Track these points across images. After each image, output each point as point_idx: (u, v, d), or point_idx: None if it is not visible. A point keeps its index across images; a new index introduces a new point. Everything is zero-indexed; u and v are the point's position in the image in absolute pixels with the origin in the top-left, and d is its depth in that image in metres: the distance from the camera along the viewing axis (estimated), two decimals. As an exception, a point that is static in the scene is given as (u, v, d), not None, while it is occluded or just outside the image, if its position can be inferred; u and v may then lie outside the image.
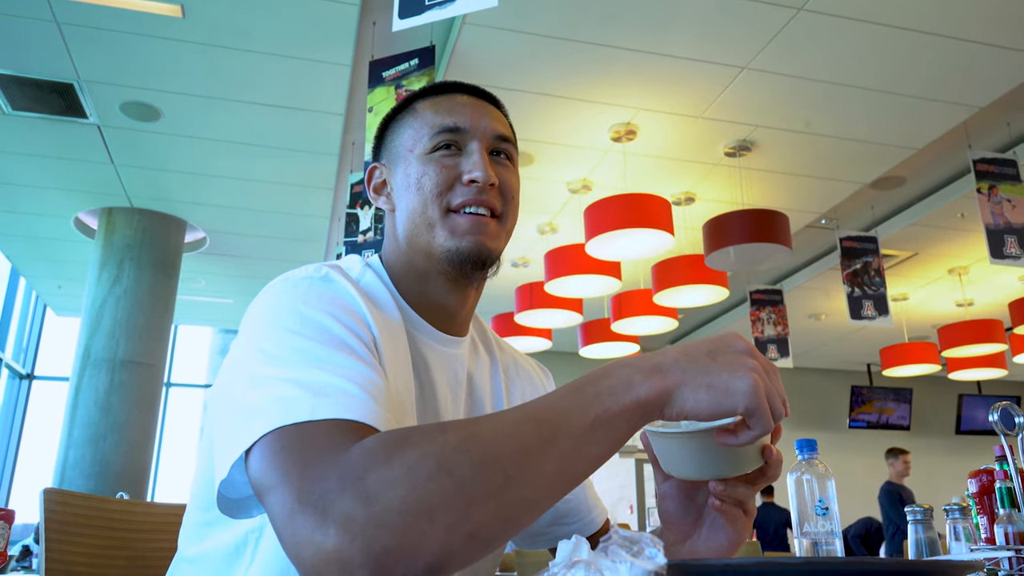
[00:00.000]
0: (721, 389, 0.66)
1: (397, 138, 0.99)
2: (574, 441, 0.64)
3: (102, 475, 5.20)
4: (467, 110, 0.97)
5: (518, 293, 5.87)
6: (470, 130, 0.95)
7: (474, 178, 0.92)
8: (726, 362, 0.68)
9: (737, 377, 0.66)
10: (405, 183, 0.95)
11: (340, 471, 0.61)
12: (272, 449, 0.66)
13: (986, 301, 7.38)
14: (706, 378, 0.66)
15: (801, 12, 3.61)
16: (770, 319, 6.60)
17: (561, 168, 5.09)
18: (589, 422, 0.64)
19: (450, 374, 0.97)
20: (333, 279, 0.85)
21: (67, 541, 1.27)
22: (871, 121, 4.52)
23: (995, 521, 1.28)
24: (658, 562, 0.50)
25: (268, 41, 3.89)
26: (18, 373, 8.07)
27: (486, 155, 0.95)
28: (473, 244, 0.91)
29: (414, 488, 0.59)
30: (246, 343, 0.79)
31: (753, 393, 0.66)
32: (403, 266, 0.96)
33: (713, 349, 0.69)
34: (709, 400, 0.66)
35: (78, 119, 4.58)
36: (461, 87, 1.01)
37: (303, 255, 6.53)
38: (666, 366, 0.68)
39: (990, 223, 4.52)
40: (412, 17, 2.56)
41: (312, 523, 0.60)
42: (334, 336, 0.77)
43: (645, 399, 0.66)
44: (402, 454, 0.61)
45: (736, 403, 0.66)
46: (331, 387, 0.70)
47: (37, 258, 6.77)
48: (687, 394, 0.66)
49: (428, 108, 0.97)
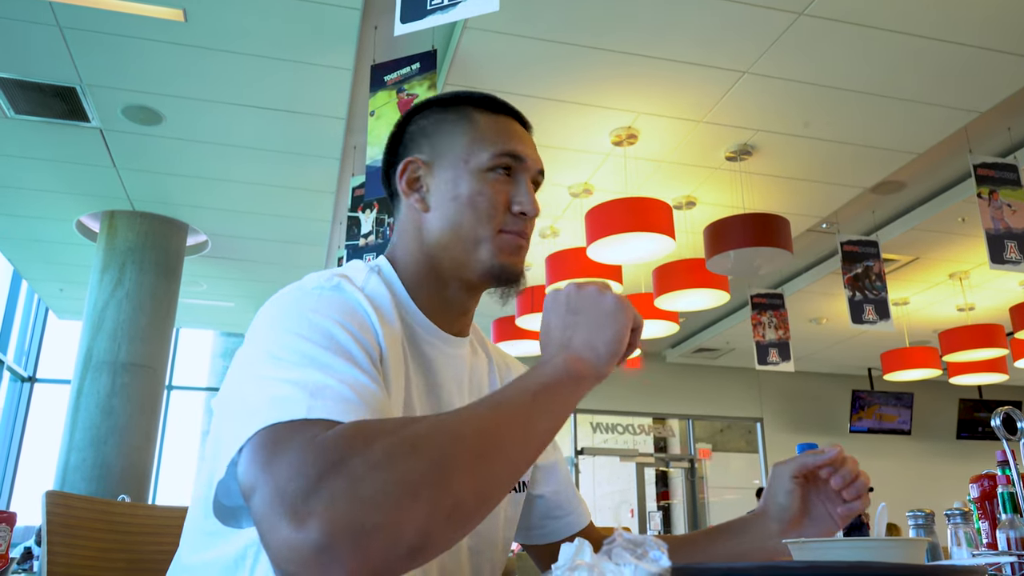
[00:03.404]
0: (610, 318, 0.81)
1: (448, 139, 0.99)
2: (523, 416, 0.73)
3: (104, 478, 5.20)
4: (525, 140, 1.02)
5: (519, 297, 5.87)
6: (528, 162, 1.00)
7: (525, 211, 0.98)
8: (586, 303, 0.83)
9: (605, 301, 0.82)
10: (453, 192, 0.97)
11: (321, 458, 0.62)
12: (262, 444, 0.67)
13: (987, 306, 7.38)
14: (594, 323, 0.81)
15: (802, 17, 3.61)
16: (771, 323, 6.60)
17: (562, 172, 5.10)
18: (531, 397, 0.74)
19: (456, 374, 1.00)
20: (344, 289, 0.86)
21: (69, 544, 1.27)
22: (872, 125, 4.53)
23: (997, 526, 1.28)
24: (662, 565, 0.50)
25: (270, 45, 3.90)
26: (20, 376, 8.07)
27: (532, 188, 1.01)
28: (515, 265, 0.98)
29: (395, 468, 0.61)
30: (253, 346, 0.80)
31: (622, 300, 0.82)
32: (421, 267, 0.98)
33: (568, 307, 0.83)
34: (612, 330, 0.81)
35: (80, 123, 4.58)
36: (516, 113, 1.05)
37: (304, 259, 6.53)
38: (566, 337, 0.82)
39: (990, 228, 4.52)
40: (414, 21, 2.56)
41: (292, 513, 0.60)
42: (339, 344, 0.78)
43: (565, 367, 0.78)
44: (379, 438, 0.64)
45: (625, 313, 0.82)
46: (328, 390, 0.71)
47: (39, 261, 6.78)
48: (597, 342, 0.80)
49: (489, 124, 1.00)
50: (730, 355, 9.41)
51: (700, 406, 9.79)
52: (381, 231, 4.46)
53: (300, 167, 5.11)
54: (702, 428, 10.15)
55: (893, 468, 9.52)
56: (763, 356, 6.49)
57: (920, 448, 10.15)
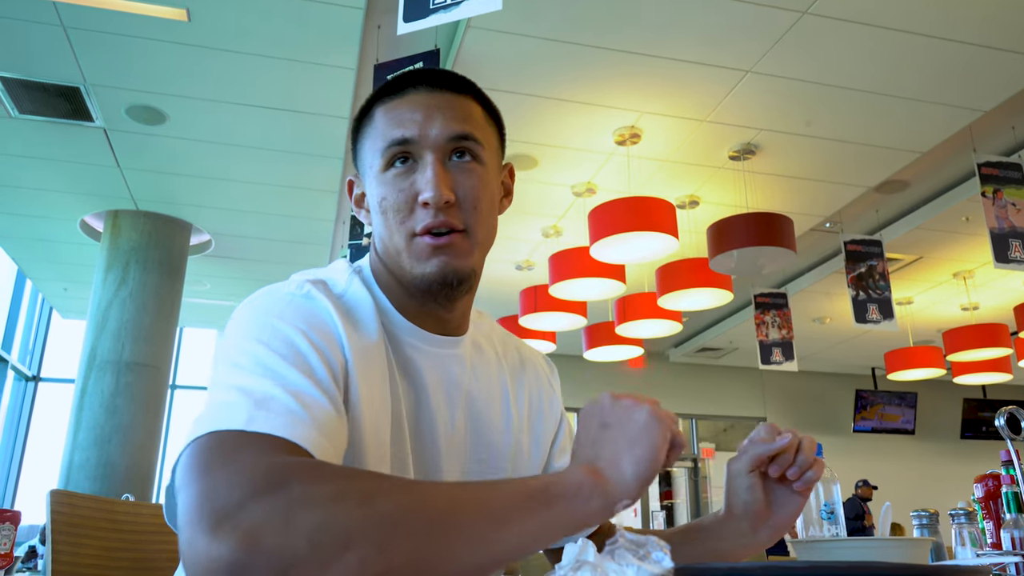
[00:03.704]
0: (644, 435, 0.69)
1: (361, 150, 0.95)
2: (502, 511, 0.63)
3: (108, 477, 5.21)
4: (418, 113, 0.89)
5: (522, 296, 5.87)
6: (419, 140, 0.88)
7: (425, 200, 0.86)
8: (620, 417, 0.71)
9: (639, 417, 0.70)
10: (372, 204, 0.93)
11: (259, 480, 0.60)
12: (197, 450, 0.66)
13: (991, 305, 7.36)
14: (625, 440, 0.69)
15: (805, 16, 3.61)
16: (774, 322, 6.59)
17: (565, 171, 5.10)
18: (524, 497, 0.64)
19: (444, 376, 0.96)
20: (314, 297, 0.85)
21: (73, 542, 1.27)
22: (876, 124, 4.52)
23: (1001, 526, 1.28)
24: (664, 566, 0.50)
25: (273, 45, 3.91)
26: (24, 375, 8.09)
27: (439, 166, 0.87)
28: (437, 269, 0.88)
29: (337, 511, 0.58)
30: (221, 348, 0.80)
31: (660, 415, 0.69)
32: (387, 277, 0.95)
33: (602, 421, 0.72)
34: (645, 449, 0.68)
35: (84, 122, 4.59)
36: (417, 78, 0.91)
37: (308, 258, 6.54)
38: (593, 453, 0.70)
39: (995, 227, 4.51)
40: (417, 20, 2.56)
41: (215, 524, 0.58)
42: (299, 353, 0.77)
43: (579, 479, 0.67)
44: (332, 480, 0.61)
45: (661, 431, 0.69)
46: (275, 401, 0.70)
47: (43, 261, 6.79)
48: (625, 461, 0.68)
49: (383, 114, 0.91)
50: (733, 355, 9.41)
51: (703, 406, 9.79)
52: (384, 230, 4.46)
53: (303, 167, 5.11)
54: (705, 427, 10.15)
55: (897, 468, 9.51)
56: (766, 356, 6.49)
57: (924, 448, 10.14)
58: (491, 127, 0.96)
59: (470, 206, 0.89)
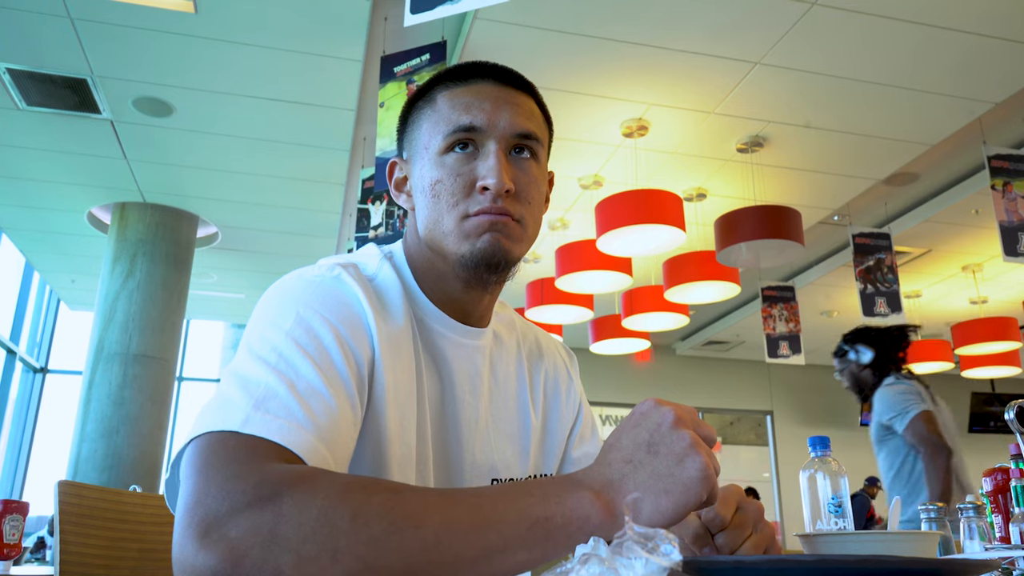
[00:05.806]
0: (679, 489, 0.62)
1: (415, 131, 0.95)
2: (504, 538, 0.60)
3: (115, 468, 5.24)
4: (487, 104, 0.90)
5: (529, 289, 5.86)
6: (487, 129, 0.88)
7: (486, 185, 0.86)
8: (669, 452, 0.63)
9: (687, 467, 0.62)
10: (421, 185, 0.92)
11: (249, 491, 0.59)
12: (195, 451, 0.65)
13: (1000, 298, 7.33)
14: (659, 483, 0.62)
15: (815, 7, 3.58)
16: (782, 316, 6.57)
17: (572, 163, 5.08)
18: (525, 527, 0.61)
19: (469, 366, 0.96)
20: (344, 281, 0.84)
21: (81, 533, 1.28)
22: (885, 117, 4.49)
23: (1010, 520, 1.27)
24: (673, 559, 0.50)
25: (280, 36, 3.90)
26: (32, 367, 8.13)
27: (503, 157, 0.88)
28: (489, 244, 0.87)
29: (327, 524, 0.57)
30: (246, 330, 0.80)
31: (708, 476, 0.62)
32: (424, 263, 0.94)
33: (651, 441, 0.64)
34: (672, 504, 0.61)
35: (91, 114, 4.60)
36: (484, 71, 0.93)
37: (314, 250, 6.54)
38: (621, 474, 0.64)
39: (1004, 220, 4.48)
40: (424, 12, 2.56)
41: (204, 531, 0.58)
42: (320, 345, 0.76)
43: (588, 508, 0.62)
44: (325, 494, 0.59)
45: (698, 494, 0.62)
46: (276, 401, 0.69)
47: (51, 253, 6.82)
48: (646, 506, 0.61)
49: (446, 99, 0.91)
50: (740, 348, 9.39)
51: (710, 399, 9.78)
52: (391, 223, 4.46)
53: (310, 159, 5.11)
54: (712, 421, 10.13)
55: (904, 461, 9.48)
56: (773, 349, 6.47)
57: (931, 441, 10.10)
58: (547, 130, 0.98)
59: (525, 199, 0.90)
